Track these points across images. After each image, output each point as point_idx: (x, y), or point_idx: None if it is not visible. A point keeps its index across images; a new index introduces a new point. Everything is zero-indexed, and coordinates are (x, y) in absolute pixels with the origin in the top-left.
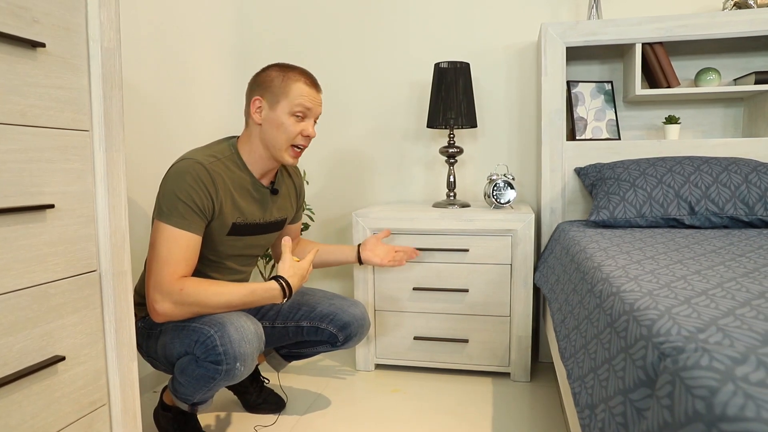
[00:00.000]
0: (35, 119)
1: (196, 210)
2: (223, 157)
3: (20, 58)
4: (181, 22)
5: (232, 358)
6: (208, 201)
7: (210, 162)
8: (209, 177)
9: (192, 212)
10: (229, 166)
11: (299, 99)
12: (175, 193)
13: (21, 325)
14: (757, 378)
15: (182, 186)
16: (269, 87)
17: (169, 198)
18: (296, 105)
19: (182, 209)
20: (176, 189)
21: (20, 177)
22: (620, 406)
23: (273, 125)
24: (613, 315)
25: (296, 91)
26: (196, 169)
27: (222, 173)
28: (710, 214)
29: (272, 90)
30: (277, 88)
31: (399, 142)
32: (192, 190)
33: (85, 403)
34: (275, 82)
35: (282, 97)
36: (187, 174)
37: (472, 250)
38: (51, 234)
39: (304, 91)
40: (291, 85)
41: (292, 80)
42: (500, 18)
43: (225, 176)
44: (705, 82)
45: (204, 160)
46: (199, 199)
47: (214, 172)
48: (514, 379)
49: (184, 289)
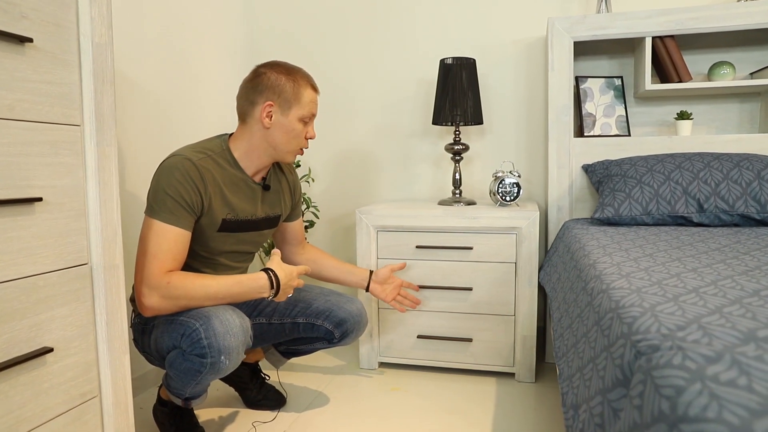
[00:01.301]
0: (24, 113)
1: (184, 205)
2: (213, 154)
3: (8, 53)
4: (187, 19)
5: (217, 351)
6: (197, 196)
7: (199, 158)
8: (198, 173)
9: (180, 207)
10: (220, 162)
11: (309, 106)
12: (163, 188)
13: (8, 316)
14: (728, 377)
15: (171, 182)
16: (281, 93)
17: (157, 194)
18: (307, 112)
19: (170, 205)
20: (165, 185)
21: (8, 170)
22: (599, 406)
23: (283, 130)
24: (600, 313)
25: (307, 98)
26: (185, 165)
27: (212, 169)
28: (720, 212)
29: (284, 96)
30: (289, 94)
31: (405, 139)
32: (180, 185)
33: (75, 394)
34: (286, 88)
35: (295, 103)
36: (175, 170)
37: (476, 248)
38: (40, 227)
39: (313, 98)
40: (302, 92)
41: (301, 86)
42: (508, 12)
43: (215, 172)
44: (719, 76)
45: (193, 156)
46: (188, 195)
47: (203, 168)
48: (518, 379)
49: (171, 282)
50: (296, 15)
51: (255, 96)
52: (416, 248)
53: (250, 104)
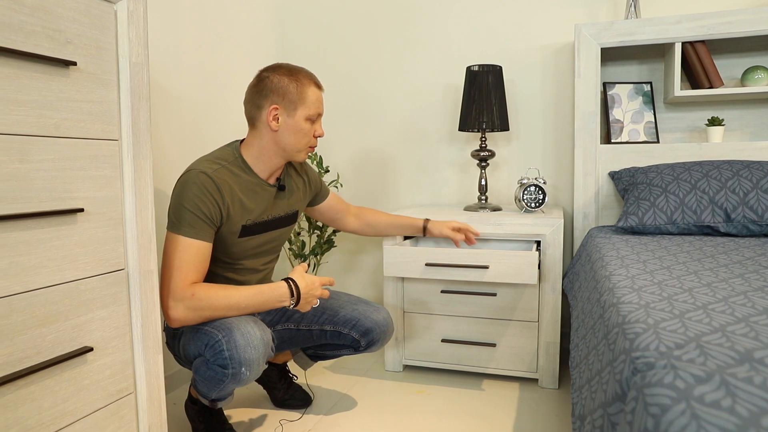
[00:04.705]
0: (68, 131)
1: (203, 218)
2: (227, 163)
3: (54, 76)
4: (223, 33)
5: (238, 363)
6: (215, 208)
7: (214, 170)
8: (214, 185)
9: (200, 221)
10: (234, 171)
11: (315, 104)
12: (182, 204)
13: (53, 318)
14: (713, 398)
15: (189, 197)
16: (285, 95)
17: (177, 209)
18: (313, 111)
19: (190, 219)
20: (183, 200)
21: (53, 184)
22: (600, 419)
23: (291, 131)
24: (608, 326)
25: (312, 97)
26: (201, 179)
27: (227, 179)
28: (748, 222)
29: (289, 98)
30: (293, 95)
31: (433, 144)
32: (198, 199)
33: (112, 390)
34: (290, 89)
35: (299, 104)
36: (192, 185)
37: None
38: (81, 235)
39: (318, 96)
40: (306, 92)
41: (305, 86)
42: (535, 19)
43: (231, 182)
44: (752, 81)
45: (208, 169)
46: (206, 208)
47: (219, 179)
48: (541, 385)
49: (195, 294)
50: (326, 26)
51: (260, 100)
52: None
53: (256, 108)
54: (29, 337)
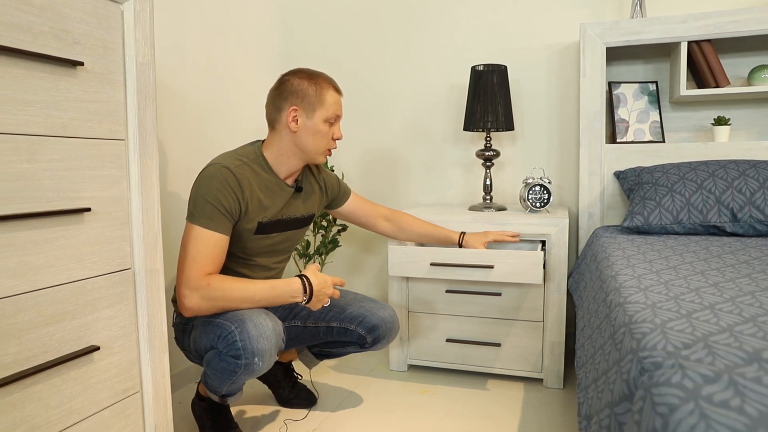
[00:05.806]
0: (75, 131)
1: (223, 211)
2: (248, 161)
3: (62, 77)
4: (228, 32)
5: (251, 354)
6: (235, 203)
7: (236, 165)
8: (235, 180)
9: (219, 214)
10: (255, 168)
11: (333, 107)
12: (203, 196)
13: (60, 317)
14: (721, 398)
15: (210, 190)
16: (305, 97)
17: (198, 201)
18: (331, 113)
19: (210, 211)
20: (204, 193)
21: (60, 183)
22: (607, 419)
23: (310, 133)
24: (615, 326)
25: (330, 99)
26: (223, 173)
27: (248, 176)
28: (755, 222)
29: (308, 100)
30: (312, 97)
31: (437, 144)
32: (219, 193)
33: (118, 389)
34: (309, 92)
35: (318, 106)
36: (214, 178)
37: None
38: (88, 235)
39: (336, 99)
40: (325, 94)
41: (324, 89)
42: (541, 18)
43: (251, 178)
44: (759, 80)
45: (230, 164)
46: (226, 202)
47: (240, 175)
48: (546, 385)
49: (211, 284)
50: (331, 25)
51: (280, 102)
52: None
53: (276, 110)
54: (36, 336)
